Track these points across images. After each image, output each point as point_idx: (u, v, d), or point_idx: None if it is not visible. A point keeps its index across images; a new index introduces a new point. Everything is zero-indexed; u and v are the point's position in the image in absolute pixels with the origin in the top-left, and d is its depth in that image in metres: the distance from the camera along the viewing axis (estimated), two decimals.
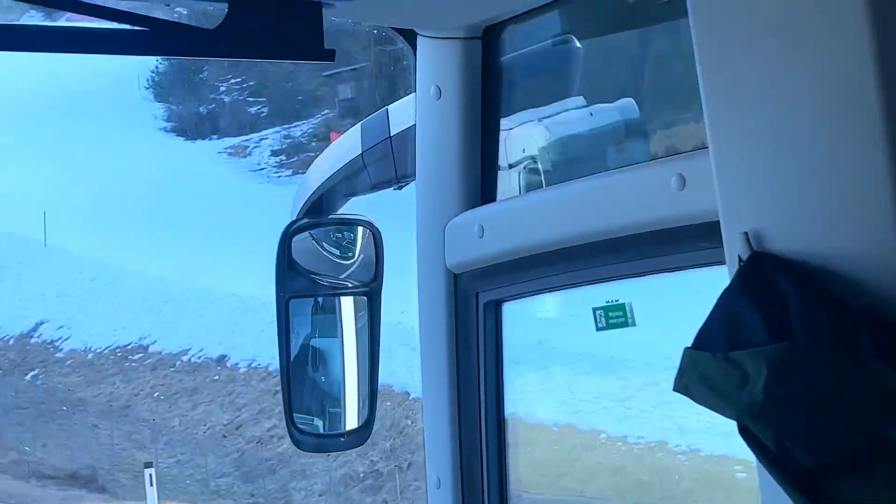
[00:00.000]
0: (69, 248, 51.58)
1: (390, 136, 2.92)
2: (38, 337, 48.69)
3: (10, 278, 52.27)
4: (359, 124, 3.09)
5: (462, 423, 2.65)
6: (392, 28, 2.65)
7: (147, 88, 66.04)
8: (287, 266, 3.02)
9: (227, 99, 63.80)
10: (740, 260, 1.70)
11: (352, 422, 3.10)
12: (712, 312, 1.68)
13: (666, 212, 2.09)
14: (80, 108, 63.95)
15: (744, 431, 1.64)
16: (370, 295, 3.11)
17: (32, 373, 46.46)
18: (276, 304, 3.03)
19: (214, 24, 2.18)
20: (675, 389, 1.70)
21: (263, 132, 60.40)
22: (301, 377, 3.14)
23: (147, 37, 2.11)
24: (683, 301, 2.24)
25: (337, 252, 3.16)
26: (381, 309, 3.11)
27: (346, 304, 3.16)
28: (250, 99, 62.99)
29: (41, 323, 49.20)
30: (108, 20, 2.06)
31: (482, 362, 2.60)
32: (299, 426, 3.06)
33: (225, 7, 2.16)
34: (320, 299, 3.18)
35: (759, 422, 1.61)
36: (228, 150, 60.64)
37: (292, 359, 3.08)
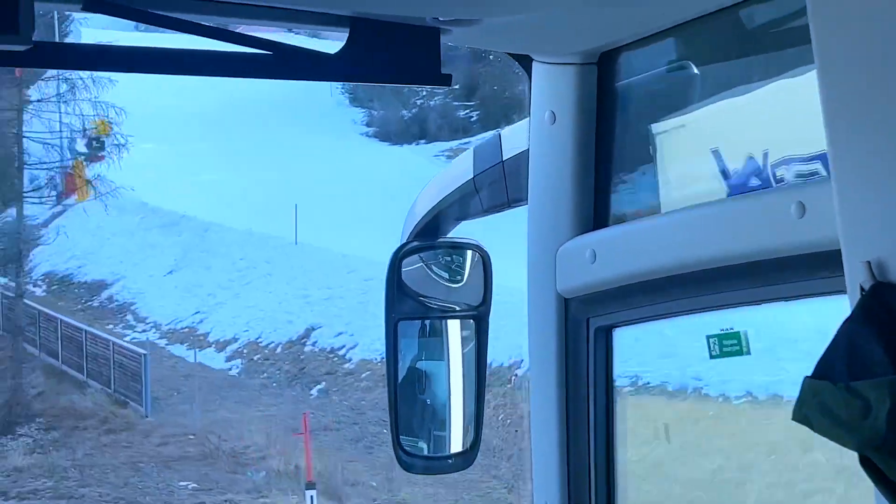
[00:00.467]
0: (325, 245, 44.96)
1: (503, 161, 2.95)
2: (312, 345, 40.48)
3: (260, 278, 45.05)
4: (471, 148, 3.13)
5: (571, 449, 2.66)
6: (507, 53, 2.67)
7: (341, 94, 64.92)
8: (397, 288, 3.08)
9: (432, 103, 61.63)
10: (862, 290, 1.69)
11: (456, 445, 3.15)
12: (833, 342, 1.68)
13: (784, 240, 2.07)
14: (274, 115, 60.30)
15: (865, 462, 1.63)
16: (478, 318, 3.16)
17: (318, 386, 38.19)
18: (384, 326, 3.10)
19: (335, 48, 2.23)
20: (794, 419, 1.69)
21: (481, 135, 59.44)
22: (408, 399, 3.19)
23: (271, 60, 2.17)
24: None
25: (446, 275, 3.21)
26: (488, 332, 3.15)
27: (453, 328, 3.21)
28: (456, 103, 61.00)
29: (313, 328, 41.01)
30: (234, 44, 2.12)
31: (592, 388, 2.61)
32: (406, 448, 3.11)
33: (346, 33, 2.21)
34: (428, 322, 3.23)
35: (882, 453, 1.60)
36: (446, 154, 56.96)
37: (399, 381, 3.14)
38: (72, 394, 38.50)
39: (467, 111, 60.82)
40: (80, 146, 46.31)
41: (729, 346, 2.33)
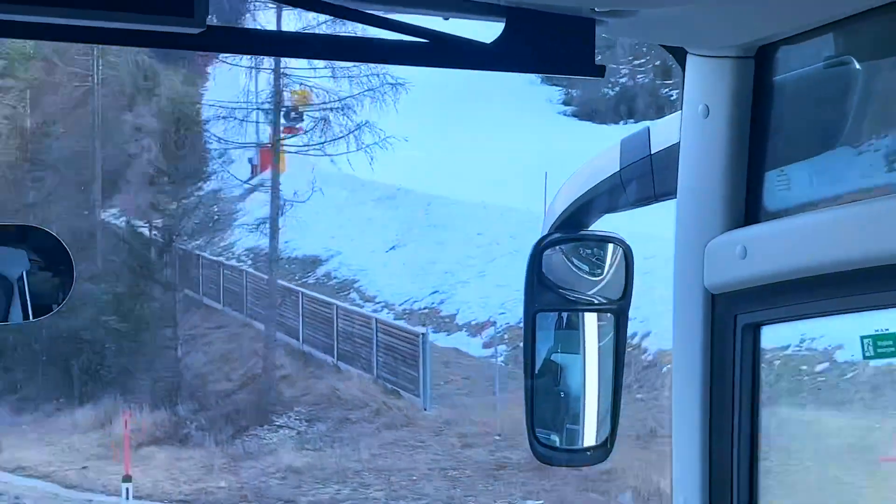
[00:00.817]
0: None
1: (650, 154, 2.94)
2: None
3: (506, 255, 39.52)
4: (618, 141, 3.12)
5: (713, 447, 2.62)
6: (661, 45, 2.66)
7: None
8: (537, 280, 3.09)
9: (632, 82, 59.04)
10: None
11: (590, 439, 3.15)
12: None
13: None
14: (458, 91, 54.78)
15: None
16: (617, 313, 3.14)
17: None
18: (523, 317, 3.11)
19: (491, 38, 2.26)
20: None
21: None
22: (543, 391, 3.19)
23: (429, 49, 2.21)
24: None
25: (586, 268, 3.20)
26: (627, 328, 3.13)
27: (590, 321, 3.20)
28: (658, 81, 58.07)
29: None
30: (392, 31, 2.17)
31: (738, 386, 2.57)
32: (541, 439, 3.12)
33: (502, 22, 2.25)
34: (565, 314, 3.23)
35: None
36: None
37: (536, 372, 3.15)
38: (325, 378, 34.43)
39: (667, 90, 59.13)
40: (279, 118, 41.01)
41: (884, 347, 2.29)
